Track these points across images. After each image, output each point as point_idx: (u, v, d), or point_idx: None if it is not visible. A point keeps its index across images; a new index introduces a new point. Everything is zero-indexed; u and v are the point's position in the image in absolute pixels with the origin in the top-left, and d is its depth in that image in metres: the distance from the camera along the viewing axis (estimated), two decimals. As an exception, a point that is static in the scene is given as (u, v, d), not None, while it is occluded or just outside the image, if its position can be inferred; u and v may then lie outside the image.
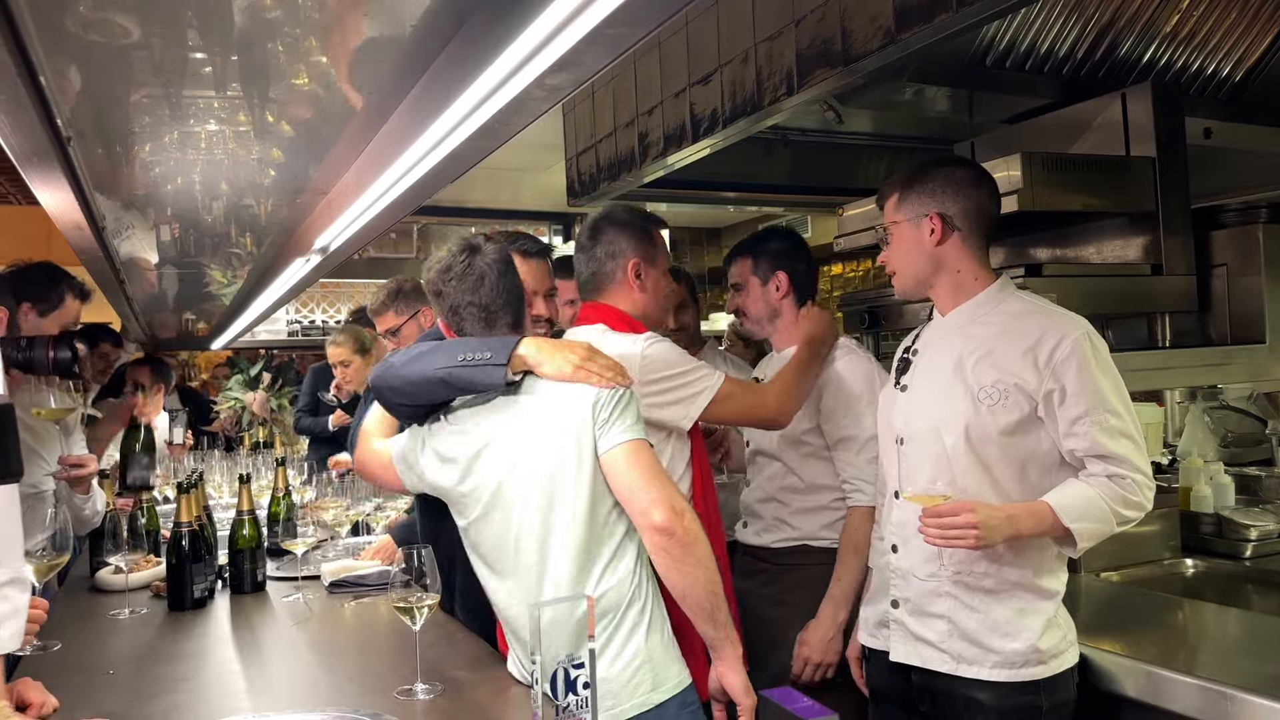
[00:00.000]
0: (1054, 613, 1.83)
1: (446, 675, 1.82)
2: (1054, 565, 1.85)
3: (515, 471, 1.74)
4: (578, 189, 3.81)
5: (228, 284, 4.29)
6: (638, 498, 1.69)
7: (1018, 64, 2.83)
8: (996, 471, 1.82)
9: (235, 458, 4.23)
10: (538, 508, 1.73)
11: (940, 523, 1.71)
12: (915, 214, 1.89)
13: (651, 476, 1.70)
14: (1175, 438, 3.50)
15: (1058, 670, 1.80)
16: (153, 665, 2.02)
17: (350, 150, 1.68)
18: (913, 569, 1.90)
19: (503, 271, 1.82)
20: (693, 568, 1.67)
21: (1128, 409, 1.78)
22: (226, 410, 6.04)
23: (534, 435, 1.74)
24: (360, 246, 2.52)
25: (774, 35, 2.47)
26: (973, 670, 1.81)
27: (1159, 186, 2.64)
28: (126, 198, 2.15)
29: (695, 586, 1.68)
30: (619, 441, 1.70)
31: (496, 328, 1.83)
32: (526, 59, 0.93)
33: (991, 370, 1.81)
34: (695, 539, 1.68)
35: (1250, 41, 3.01)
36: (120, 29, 1.30)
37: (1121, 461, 1.74)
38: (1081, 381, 1.75)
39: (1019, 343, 1.80)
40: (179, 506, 2.50)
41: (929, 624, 1.87)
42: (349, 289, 6.78)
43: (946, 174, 1.89)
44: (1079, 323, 1.81)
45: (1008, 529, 1.72)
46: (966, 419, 1.82)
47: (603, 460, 1.71)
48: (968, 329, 1.88)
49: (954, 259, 1.89)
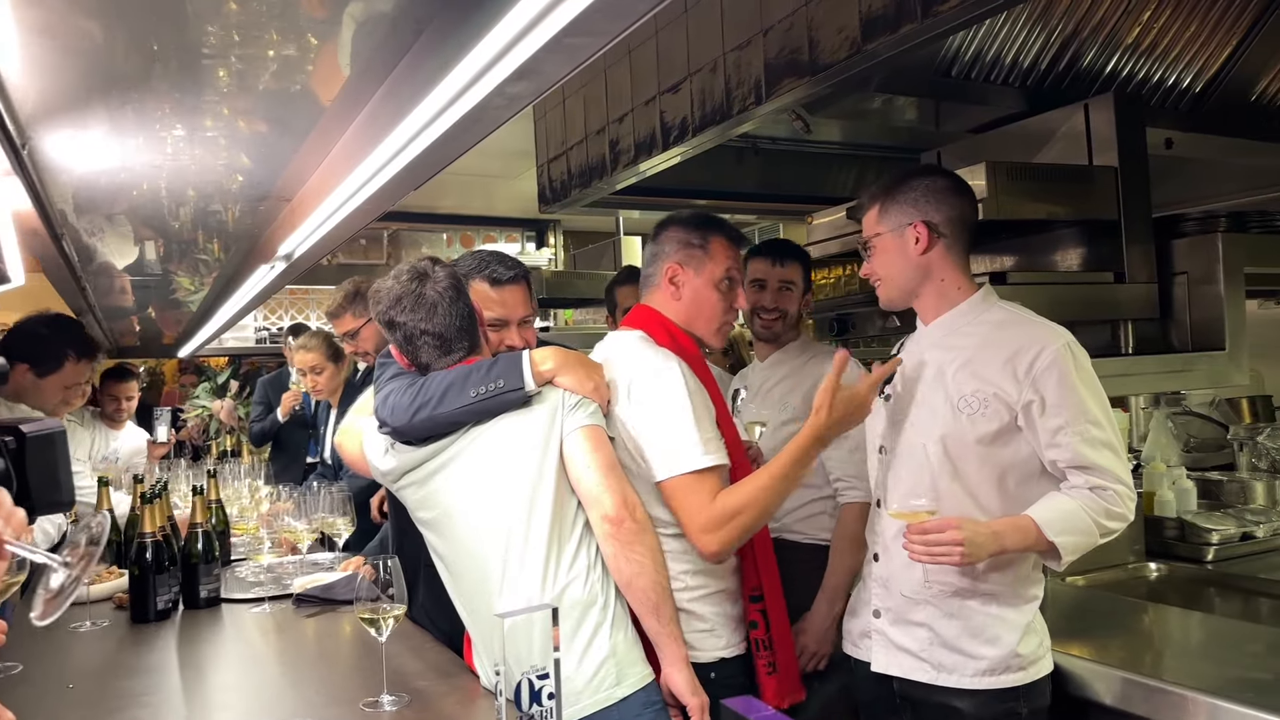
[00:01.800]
0: (1032, 618, 1.84)
1: (413, 686, 1.80)
2: (1033, 573, 1.87)
3: (481, 478, 1.75)
4: (549, 196, 3.81)
5: (195, 290, 4.25)
6: (592, 488, 1.74)
7: (983, 74, 2.87)
8: (974, 480, 1.82)
9: (202, 467, 4.17)
10: (500, 509, 1.75)
11: (926, 540, 1.70)
12: (899, 224, 1.89)
13: (607, 469, 1.75)
14: (1140, 443, 3.56)
15: (1036, 676, 1.81)
16: (114, 679, 1.98)
17: (312, 157, 1.68)
18: (893, 577, 1.90)
19: (454, 298, 1.82)
20: (640, 556, 1.73)
21: (1109, 419, 1.78)
22: (194, 419, 5.98)
23: (505, 440, 1.76)
24: (324, 253, 2.50)
25: (742, 45, 2.49)
26: (953, 679, 1.81)
27: (1121, 196, 2.68)
28: (84, 202, 2.12)
29: (641, 575, 1.72)
30: (582, 424, 1.76)
31: (453, 354, 1.84)
32: (486, 67, 0.92)
33: (971, 379, 1.81)
34: (644, 529, 1.74)
35: (1210, 53, 3.07)
36: (83, 31, 1.28)
37: (1103, 473, 1.74)
38: (1062, 392, 1.74)
39: (999, 353, 1.80)
40: (142, 516, 2.46)
41: (910, 633, 1.87)
42: (318, 295, 6.74)
43: (928, 183, 1.90)
44: (1060, 333, 1.81)
45: (993, 545, 1.71)
46: (945, 428, 1.82)
47: (565, 445, 1.76)
48: (950, 338, 1.89)
49: (939, 268, 1.89)
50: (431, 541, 1.89)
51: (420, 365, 1.86)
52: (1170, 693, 1.70)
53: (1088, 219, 2.71)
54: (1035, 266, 2.93)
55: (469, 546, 1.80)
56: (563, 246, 7.12)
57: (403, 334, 1.83)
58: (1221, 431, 3.51)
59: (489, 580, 1.77)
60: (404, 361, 1.89)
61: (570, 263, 7.07)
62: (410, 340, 1.83)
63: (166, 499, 2.67)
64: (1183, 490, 2.83)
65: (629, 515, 1.72)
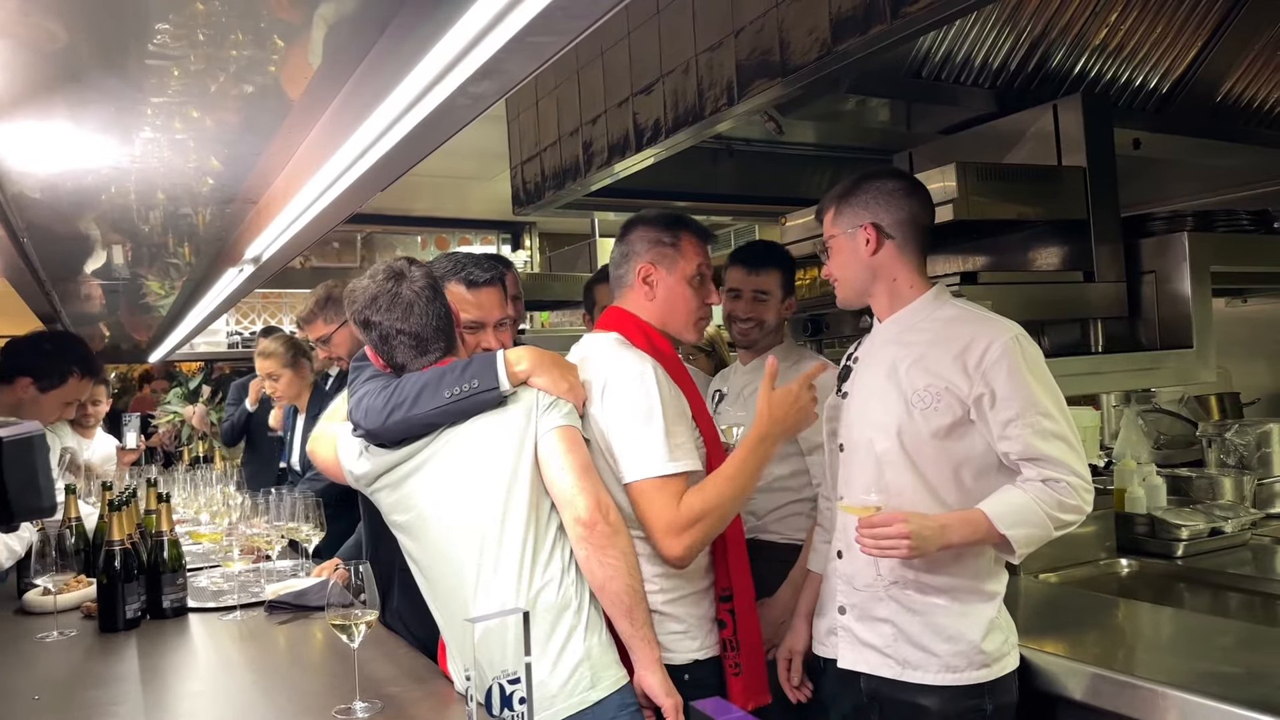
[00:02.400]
0: (996, 614, 1.85)
1: (386, 692, 1.79)
2: (994, 568, 1.88)
3: (454, 481, 1.74)
4: (523, 197, 3.80)
5: (165, 295, 4.20)
6: (566, 490, 1.73)
7: (954, 75, 2.89)
8: (930, 475, 1.84)
9: (174, 473, 4.12)
10: (474, 512, 1.74)
11: (874, 533, 1.73)
12: (851, 225, 1.93)
13: (581, 471, 1.74)
14: (1111, 440, 3.59)
15: (1001, 673, 1.83)
16: (82, 690, 1.95)
17: (277, 158, 1.66)
18: (857, 574, 1.92)
19: (430, 297, 1.81)
20: (614, 559, 1.72)
21: (1062, 411, 1.81)
22: (165, 424, 5.90)
23: (479, 442, 1.75)
24: (293, 256, 2.48)
25: (714, 46, 2.49)
26: (917, 675, 1.83)
27: (1090, 195, 2.71)
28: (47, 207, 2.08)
29: (615, 578, 1.72)
30: (556, 425, 1.75)
31: (429, 354, 1.83)
32: (449, 66, 0.92)
33: (924, 375, 1.84)
34: (617, 532, 1.73)
35: (1176, 55, 3.10)
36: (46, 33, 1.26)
37: (1056, 464, 1.76)
38: (1012, 385, 1.77)
39: (950, 348, 1.83)
40: (111, 524, 2.42)
41: (874, 629, 1.89)
42: (291, 299, 6.67)
43: (879, 186, 1.94)
44: (1009, 326, 1.84)
45: (940, 539, 1.74)
46: (900, 423, 1.85)
47: (540, 447, 1.75)
48: (903, 335, 1.92)
49: (889, 268, 1.93)
50: (406, 545, 1.88)
51: (396, 366, 1.85)
52: (1141, 687, 1.72)
53: (1057, 219, 2.74)
54: (1006, 266, 2.96)
55: (443, 550, 1.79)
56: (538, 249, 7.10)
57: (378, 334, 1.82)
58: (1190, 428, 3.55)
59: (464, 584, 1.76)
60: (379, 363, 1.88)
61: (546, 265, 7.06)
62: (386, 340, 1.82)
63: (135, 506, 2.64)
64: (1153, 487, 2.86)
65: (602, 518, 1.71)
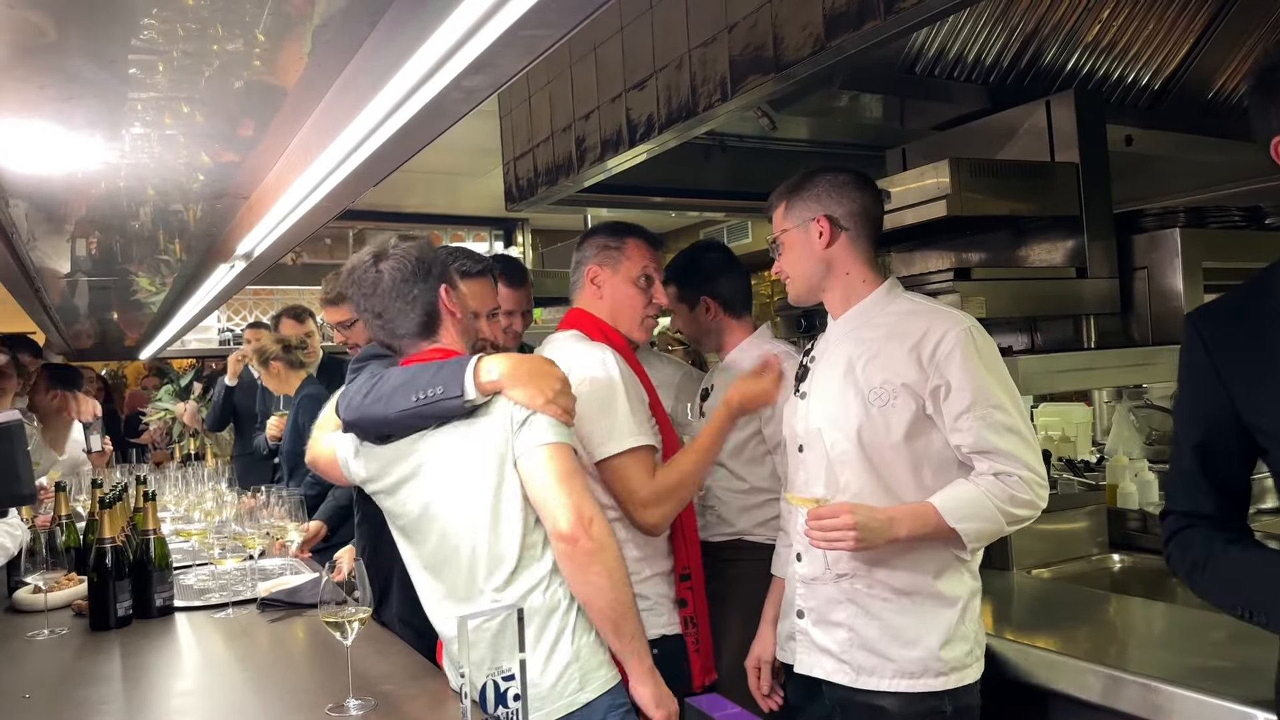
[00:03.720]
0: (956, 621, 1.80)
1: (379, 689, 1.78)
2: (955, 570, 1.83)
3: (445, 487, 1.73)
4: (515, 194, 3.79)
5: (155, 292, 4.18)
6: (547, 503, 1.68)
7: (947, 71, 2.89)
8: (890, 473, 1.81)
9: (165, 471, 4.11)
10: (465, 519, 1.72)
11: (820, 524, 1.71)
12: (803, 219, 1.91)
13: (561, 480, 1.67)
14: (1103, 437, 3.60)
15: (958, 684, 1.79)
16: (73, 688, 1.94)
17: (268, 154, 1.65)
18: (814, 575, 1.89)
19: (403, 279, 1.74)
20: (597, 577, 1.67)
21: (1015, 404, 1.78)
22: (156, 421, 5.89)
23: (465, 450, 1.73)
24: (284, 252, 2.47)
25: (708, 41, 2.48)
26: (872, 681, 1.80)
27: (1082, 192, 2.71)
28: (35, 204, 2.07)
29: (598, 596, 1.68)
30: (533, 444, 1.68)
31: (400, 337, 1.78)
32: (442, 60, 0.91)
33: (880, 371, 1.82)
34: (601, 548, 1.66)
35: (1168, 52, 3.11)
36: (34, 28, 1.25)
37: (1008, 458, 1.74)
38: (965, 376, 1.75)
39: (904, 342, 1.81)
40: (101, 521, 2.41)
41: (831, 633, 1.86)
42: (283, 295, 6.65)
43: (830, 179, 1.92)
44: (962, 318, 1.82)
45: (887, 531, 1.71)
46: (859, 421, 1.82)
47: (520, 467, 1.69)
48: (858, 332, 1.89)
49: (843, 261, 1.91)
50: (402, 546, 1.87)
51: (384, 345, 1.84)
52: (1133, 682, 1.72)
53: (1050, 215, 2.74)
54: (999, 262, 2.96)
55: (437, 554, 1.77)
56: (531, 245, 7.08)
57: (357, 309, 1.82)
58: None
59: (456, 589, 1.75)
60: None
61: (539, 261, 7.04)
62: (363, 315, 1.81)
63: (126, 503, 2.63)
64: (1145, 483, 2.87)
65: (584, 532, 1.65)
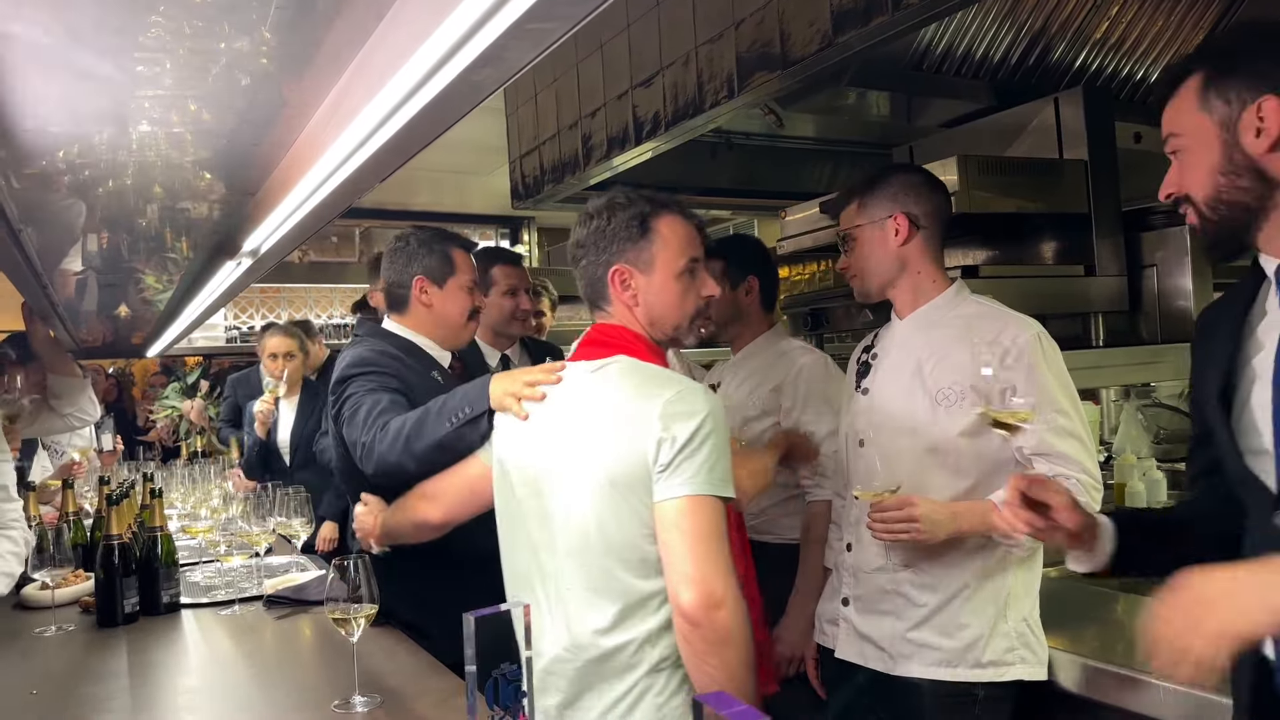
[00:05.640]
0: (1003, 618, 1.82)
1: (386, 686, 1.78)
2: (1004, 567, 1.84)
3: (568, 468, 1.56)
4: (522, 191, 3.79)
5: (162, 289, 4.18)
6: (673, 566, 1.42)
7: (954, 69, 2.88)
8: (950, 471, 1.84)
9: (172, 468, 4.12)
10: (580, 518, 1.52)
11: (884, 516, 1.74)
12: (880, 216, 1.92)
13: (694, 544, 1.40)
14: (1111, 435, 3.58)
15: (995, 679, 1.80)
16: (79, 685, 1.94)
17: (275, 150, 1.65)
18: (864, 565, 1.92)
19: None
20: (715, 669, 1.39)
21: (1077, 410, 1.81)
22: (163, 419, 5.89)
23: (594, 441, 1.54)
24: (291, 249, 2.47)
25: (714, 38, 2.48)
26: (911, 667, 1.84)
27: (1091, 189, 2.70)
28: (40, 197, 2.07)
29: (711, 685, 1.39)
30: (671, 496, 1.43)
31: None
32: (449, 53, 0.91)
33: (950, 373, 1.84)
34: (727, 638, 1.39)
35: (1177, 48, 3.09)
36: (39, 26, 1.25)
37: (1068, 461, 1.77)
38: (1030, 381, 1.78)
39: (974, 345, 1.83)
40: (109, 518, 2.41)
41: (875, 622, 1.89)
42: (289, 294, 6.66)
43: (905, 178, 1.95)
44: (1030, 324, 1.85)
45: (950, 525, 1.75)
46: (924, 420, 1.85)
47: (655, 509, 1.46)
48: (927, 332, 1.92)
49: (916, 260, 1.93)
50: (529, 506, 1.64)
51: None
52: (1141, 680, 1.71)
53: (1058, 212, 2.73)
54: (1007, 260, 2.95)
55: None
56: (537, 243, 7.09)
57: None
58: (1190, 423, 3.54)
59: None
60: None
61: (545, 259, 7.05)
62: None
63: (134, 500, 2.63)
64: (1153, 481, 2.86)
65: (708, 615, 1.38)
